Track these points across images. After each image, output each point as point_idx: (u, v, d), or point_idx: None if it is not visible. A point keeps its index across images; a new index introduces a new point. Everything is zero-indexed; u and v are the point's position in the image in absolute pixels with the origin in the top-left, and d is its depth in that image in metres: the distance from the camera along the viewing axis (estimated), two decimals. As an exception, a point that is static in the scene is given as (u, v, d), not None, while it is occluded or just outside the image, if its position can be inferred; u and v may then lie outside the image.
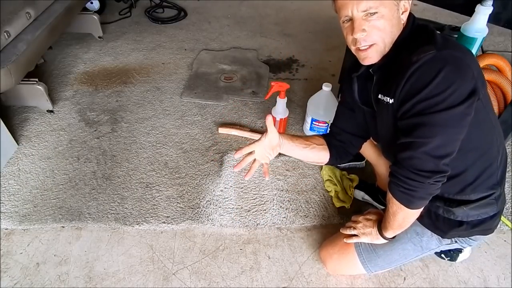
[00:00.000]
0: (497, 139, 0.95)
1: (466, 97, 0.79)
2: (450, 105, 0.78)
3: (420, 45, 0.82)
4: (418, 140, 0.83)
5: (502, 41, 2.56)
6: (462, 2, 1.40)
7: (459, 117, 0.80)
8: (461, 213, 0.98)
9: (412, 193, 0.87)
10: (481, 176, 0.95)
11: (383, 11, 0.82)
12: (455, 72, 0.78)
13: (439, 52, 0.79)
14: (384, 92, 0.90)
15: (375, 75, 0.94)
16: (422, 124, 0.82)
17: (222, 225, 1.39)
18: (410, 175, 0.85)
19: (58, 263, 1.27)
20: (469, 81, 0.79)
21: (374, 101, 0.97)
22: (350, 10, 0.84)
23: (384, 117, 0.94)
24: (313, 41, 2.59)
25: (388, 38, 0.87)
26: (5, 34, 1.55)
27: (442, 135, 0.81)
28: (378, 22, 0.84)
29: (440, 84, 0.78)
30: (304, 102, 1.87)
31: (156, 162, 1.64)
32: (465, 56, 0.82)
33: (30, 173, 1.57)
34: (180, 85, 2.12)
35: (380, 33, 0.85)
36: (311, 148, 1.11)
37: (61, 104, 1.95)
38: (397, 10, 0.85)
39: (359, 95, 1.04)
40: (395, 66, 0.87)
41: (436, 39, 0.83)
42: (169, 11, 2.93)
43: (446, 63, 0.78)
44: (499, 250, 1.33)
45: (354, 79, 1.03)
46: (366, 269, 1.13)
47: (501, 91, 1.47)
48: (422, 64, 0.79)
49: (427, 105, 0.80)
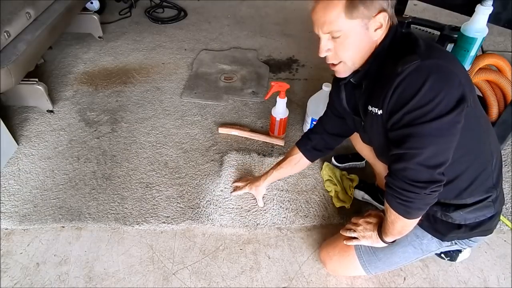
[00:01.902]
0: (490, 143, 0.95)
1: (454, 105, 0.78)
2: (439, 114, 0.78)
3: (404, 55, 0.81)
4: (410, 151, 0.82)
5: (502, 41, 2.56)
6: (462, 2, 1.40)
7: (449, 126, 0.79)
8: (458, 217, 0.98)
9: (409, 204, 0.87)
10: (476, 180, 0.94)
11: (347, 33, 0.83)
12: (441, 80, 0.77)
13: (423, 62, 0.78)
14: (372, 103, 0.90)
15: (363, 84, 0.94)
16: (412, 135, 0.81)
17: (222, 225, 1.39)
18: (405, 186, 0.85)
19: (58, 263, 1.27)
20: (456, 88, 0.78)
21: (362, 111, 0.97)
22: (316, 30, 0.87)
23: (374, 127, 0.93)
24: (313, 41, 2.57)
25: (356, 56, 0.88)
26: (5, 34, 1.55)
27: (433, 145, 0.80)
28: (343, 43, 0.85)
29: (427, 94, 0.77)
30: (304, 102, 1.87)
31: (156, 162, 1.64)
32: (450, 64, 0.81)
33: (30, 173, 1.57)
34: (180, 85, 2.12)
35: (346, 52, 0.86)
36: (292, 169, 1.32)
37: (61, 104, 1.96)
38: (366, 29, 0.83)
39: (348, 103, 1.05)
40: (380, 76, 0.87)
41: (420, 47, 0.82)
42: (169, 11, 2.93)
43: (431, 72, 0.77)
44: (499, 250, 1.33)
45: (342, 87, 1.04)
46: (366, 271, 1.13)
47: (501, 91, 1.47)
48: (407, 75, 0.79)
49: (416, 116, 0.79)
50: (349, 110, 1.05)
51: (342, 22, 0.81)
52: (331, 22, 0.82)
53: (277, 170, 1.33)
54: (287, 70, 2.29)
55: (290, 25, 2.79)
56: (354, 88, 1.00)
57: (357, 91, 0.99)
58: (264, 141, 1.76)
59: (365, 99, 0.94)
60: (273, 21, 2.85)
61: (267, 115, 1.91)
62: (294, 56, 2.42)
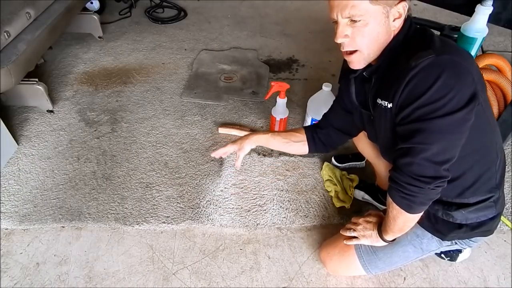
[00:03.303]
0: (496, 143, 0.95)
1: (466, 103, 0.78)
2: (450, 111, 0.77)
3: (418, 50, 0.80)
4: (418, 146, 0.82)
5: (502, 41, 2.56)
6: (462, 2, 1.40)
7: (459, 123, 0.79)
8: (459, 216, 0.98)
9: (412, 198, 0.87)
10: (479, 179, 0.94)
11: (368, 19, 0.81)
12: (454, 77, 0.77)
13: (437, 57, 0.78)
14: (382, 96, 0.89)
15: (373, 78, 0.94)
16: (421, 130, 0.81)
17: (222, 225, 1.39)
18: (410, 180, 0.85)
19: (58, 263, 1.27)
20: (469, 86, 0.78)
21: (371, 104, 0.97)
22: (335, 14, 0.84)
23: (382, 121, 0.93)
24: (313, 41, 2.59)
25: (373, 46, 0.86)
26: (5, 34, 1.55)
27: (442, 141, 0.80)
28: (362, 29, 0.83)
29: (440, 90, 0.77)
30: (304, 102, 1.87)
31: (156, 162, 1.64)
32: (465, 61, 0.80)
33: (30, 173, 1.57)
34: (180, 85, 2.12)
35: (364, 40, 0.84)
36: (289, 145, 1.21)
37: (61, 104, 1.96)
38: (386, 18, 0.82)
39: (357, 97, 1.04)
40: (392, 70, 0.86)
41: (435, 43, 0.81)
42: (169, 11, 2.93)
43: (445, 68, 0.77)
44: (499, 250, 1.33)
45: (352, 81, 1.03)
46: (366, 270, 1.13)
47: (501, 91, 1.47)
48: (421, 70, 0.78)
49: (427, 111, 0.79)
50: (357, 103, 1.04)
51: (365, 5, 0.79)
52: (354, 5, 0.80)
53: (273, 136, 1.22)
54: (287, 70, 2.29)
55: (290, 25, 2.79)
56: (364, 82, 0.99)
57: (367, 85, 0.98)
58: (264, 141, 1.75)
59: (374, 93, 0.93)
60: (273, 21, 2.85)
61: (267, 115, 1.91)
62: (294, 56, 2.42)
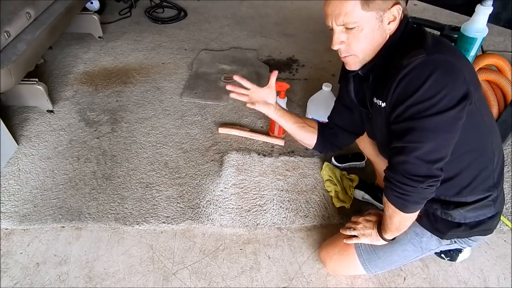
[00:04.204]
0: (493, 142, 0.95)
1: (457, 101, 0.78)
2: (441, 109, 0.78)
3: (411, 49, 0.81)
4: (410, 145, 0.83)
5: (502, 41, 2.56)
6: (462, 2, 1.40)
7: (450, 122, 0.80)
8: (458, 215, 0.98)
9: (406, 197, 0.87)
10: (477, 178, 0.94)
11: (362, 25, 0.82)
12: (445, 76, 0.78)
13: (429, 56, 0.78)
14: (378, 95, 0.90)
15: (370, 77, 0.94)
16: (413, 129, 0.82)
17: (222, 225, 1.39)
18: (403, 180, 0.86)
19: (58, 263, 1.27)
20: (460, 85, 0.79)
21: (369, 103, 0.97)
22: (330, 22, 0.86)
23: (378, 119, 0.94)
24: (313, 41, 2.59)
25: (368, 50, 0.88)
26: (5, 34, 1.55)
27: (433, 139, 0.81)
28: (357, 35, 0.84)
29: (431, 89, 0.77)
30: (304, 102, 1.87)
31: (156, 162, 1.64)
32: (456, 60, 0.81)
33: (30, 173, 1.57)
34: (180, 85, 2.12)
35: (359, 45, 0.86)
36: (301, 127, 1.17)
37: (61, 104, 1.95)
38: (381, 22, 0.83)
39: (356, 95, 1.05)
40: (387, 69, 0.87)
41: (427, 42, 0.82)
42: (169, 11, 2.93)
43: (436, 67, 0.77)
44: (499, 250, 1.33)
45: (351, 79, 1.04)
46: (366, 270, 1.13)
47: (501, 91, 1.47)
48: (413, 68, 0.79)
49: (418, 110, 0.80)
50: (356, 101, 1.05)
51: (358, 13, 0.81)
52: (346, 13, 0.81)
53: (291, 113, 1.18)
54: (287, 70, 2.29)
55: (290, 25, 2.79)
56: (362, 81, 1.00)
57: (364, 84, 0.99)
58: (264, 141, 1.76)
59: (371, 91, 0.94)
60: (273, 21, 2.84)
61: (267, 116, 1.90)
62: (294, 56, 2.42)
